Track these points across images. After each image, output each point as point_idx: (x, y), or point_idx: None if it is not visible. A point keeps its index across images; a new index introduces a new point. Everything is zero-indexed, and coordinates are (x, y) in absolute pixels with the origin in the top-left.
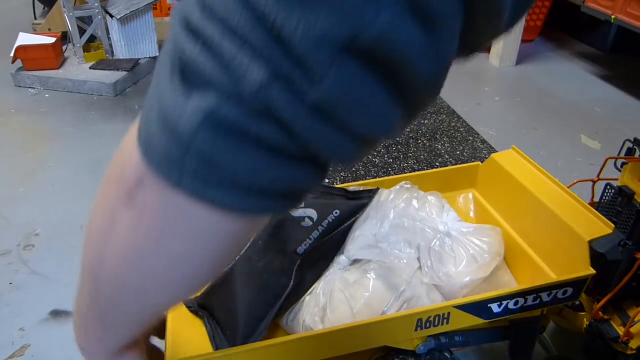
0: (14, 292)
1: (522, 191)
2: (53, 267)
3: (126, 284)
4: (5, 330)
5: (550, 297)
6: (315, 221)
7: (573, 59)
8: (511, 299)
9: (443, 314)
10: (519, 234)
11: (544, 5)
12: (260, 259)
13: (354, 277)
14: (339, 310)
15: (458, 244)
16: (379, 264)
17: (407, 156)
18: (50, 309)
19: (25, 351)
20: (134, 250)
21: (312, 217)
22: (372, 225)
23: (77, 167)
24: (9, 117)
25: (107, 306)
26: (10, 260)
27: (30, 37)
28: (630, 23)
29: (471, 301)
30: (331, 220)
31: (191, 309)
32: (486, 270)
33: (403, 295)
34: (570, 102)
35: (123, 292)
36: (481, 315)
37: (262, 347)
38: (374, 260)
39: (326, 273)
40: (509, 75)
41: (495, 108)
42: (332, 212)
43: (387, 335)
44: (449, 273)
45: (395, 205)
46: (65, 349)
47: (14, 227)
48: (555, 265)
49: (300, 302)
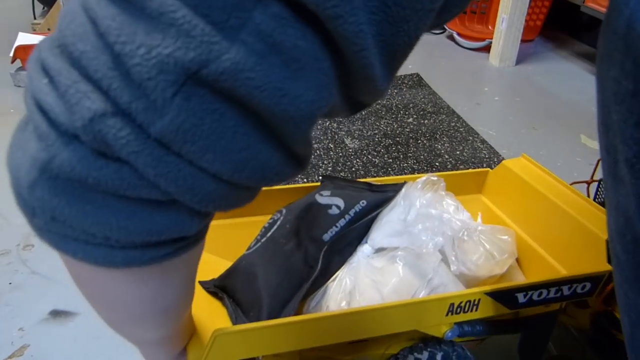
0: (13, 292)
1: (535, 195)
2: (52, 267)
3: (110, 320)
4: (4, 330)
5: (570, 290)
6: (342, 210)
7: (573, 59)
8: (536, 290)
9: (474, 300)
10: (530, 237)
11: (544, 5)
12: (287, 242)
13: (380, 263)
14: (366, 294)
15: (477, 239)
16: (407, 251)
17: (406, 156)
18: (50, 309)
19: (24, 351)
20: (87, 297)
21: (339, 205)
22: (399, 212)
23: None
24: (8, 117)
25: (126, 335)
26: (10, 260)
27: (30, 36)
28: None
29: (500, 288)
30: (358, 210)
31: (209, 289)
32: (502, 267)
33: (430, 283)
34: (569, 101)
35: (118, 329)
36: (507, 304)
37: (302, 321)
38: (401, 247)
39: (350, 260)
40: (509, 75)
41: (495, 108)
42: (359, 202)
43: (419, 318)
44: (474, 264)
45: (422, 194)
46: (64, 349)
47: (14, 227)
48: (568, 265)
49: (323, 289)
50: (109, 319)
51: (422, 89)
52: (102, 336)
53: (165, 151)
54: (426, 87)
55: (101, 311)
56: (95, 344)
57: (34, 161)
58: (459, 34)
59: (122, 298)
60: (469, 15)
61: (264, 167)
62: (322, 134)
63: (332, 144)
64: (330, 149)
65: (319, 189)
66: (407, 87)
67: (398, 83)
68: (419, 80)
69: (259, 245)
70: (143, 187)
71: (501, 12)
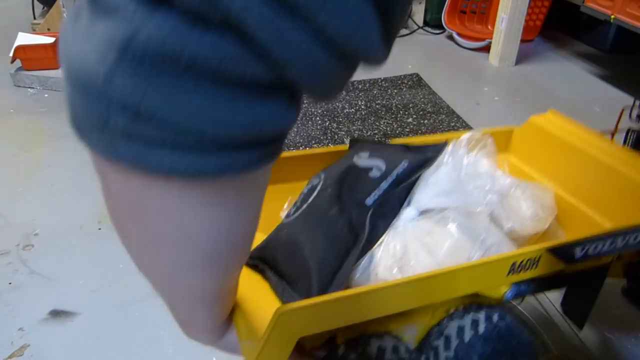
0: (13, 292)
1: (567, 147)
2: (52, 267)
3: (160, 275)
4: (4, 330)
5: (623, 242)
6: (384, 172)
7: (572, 59)
8: (592, 243)
9: (534, 258)
10: (566, 191)
11: (543, 5)
12: (330, 208)
13: (428, 226)
14: (420, 258)
15: (521, 196)
16: (457, 211)
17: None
18: (50, 309)
19: (24, 351)
20: (137, 245)
21: (380, 167)
22: (447, 171)
23: (77, 167)
24: (8, 117)
25: (172, 296)
26: (10, 260)
27: (30, 36)
28: (629, 23)
29: (562, 244)
30: (400, 171)
31: (246, 262)
32: (545, 224)
33: (484, 243)
34: (569, 101)
35: (165, 284)
36: (565, 260)
37: (371, 291)
38: (451, 207)
39: (394, 224)
40: (509, 75)
41: (495, 108)
42: (400, 163)
43: (481, 280)
44: (525, 221)
45: (468, 152)
46: (64, 349)
47: (13, 227)
48: (611, 217)
49: (369, 256)
50: (165, 264)
51: (422, 89)
52: (102, 336)
53: (279, 4)
54: (426, 87)
55: (157, 256)
56: (95, 344)
57: (110, 43)
58: (458, 34)
59: (195, 230)
60: (469, 15)
61: (370, 36)
62: (322, 134)
63: (331, 144)
64: None
65: (354, 151)
66: (407, 87)
67: (398, 83)
68: (419, 80)
69: (300, 213)
70: (248, 61)
71: (501, 12)
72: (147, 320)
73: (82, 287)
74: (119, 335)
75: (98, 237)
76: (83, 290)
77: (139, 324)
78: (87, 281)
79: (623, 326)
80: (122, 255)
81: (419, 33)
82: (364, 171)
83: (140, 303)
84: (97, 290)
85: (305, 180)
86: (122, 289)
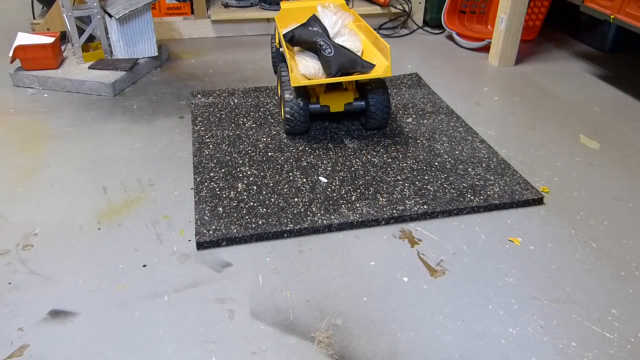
0: (12, 292)
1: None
2: (52, 267)
3: None
4: (3, 330)
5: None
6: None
7: (572, 59)
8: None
9: None
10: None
11: (543, 5)
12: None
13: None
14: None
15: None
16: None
17: (406, 156)
18: (49, 309)
19: (23, 351)
20: None
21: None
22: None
23: (76, 166)
24: (7, 117)
25: None
26: (9, 260)
27: (29, 36)
28: (628, 23)
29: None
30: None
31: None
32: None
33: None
34: (569, 101)
35: None
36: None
37: None
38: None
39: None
40: (508, 74)
41: (494, 108)
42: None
43: None
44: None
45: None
46: (64, 349)
47: (13, 227)
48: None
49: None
50: None
51: (421, 88)
52: (101, 336)
53: None
54: (425, 87)
55: None
56: (95, 344)
57: None
58: (458, 34)
59: None
60: (469, 15)
61: None
62: (322, 134)
63: (331, 143)
64: (329, 148)
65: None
66: (407, 87)
67: (397, 83)
68: (418, 80)
69: (297, 28)
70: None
71: (500, 12)
72: (147, 320)
73: (81, 287)
74: (118, 335)
75: (98, 237)
76: (83, 290)
77: (139, 324)
78: (86, 281)
79: None
80: (122, 255)
81: (418, 33)
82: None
83: (140, 303)
84: (97, 290)
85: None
86: (122, 289)
